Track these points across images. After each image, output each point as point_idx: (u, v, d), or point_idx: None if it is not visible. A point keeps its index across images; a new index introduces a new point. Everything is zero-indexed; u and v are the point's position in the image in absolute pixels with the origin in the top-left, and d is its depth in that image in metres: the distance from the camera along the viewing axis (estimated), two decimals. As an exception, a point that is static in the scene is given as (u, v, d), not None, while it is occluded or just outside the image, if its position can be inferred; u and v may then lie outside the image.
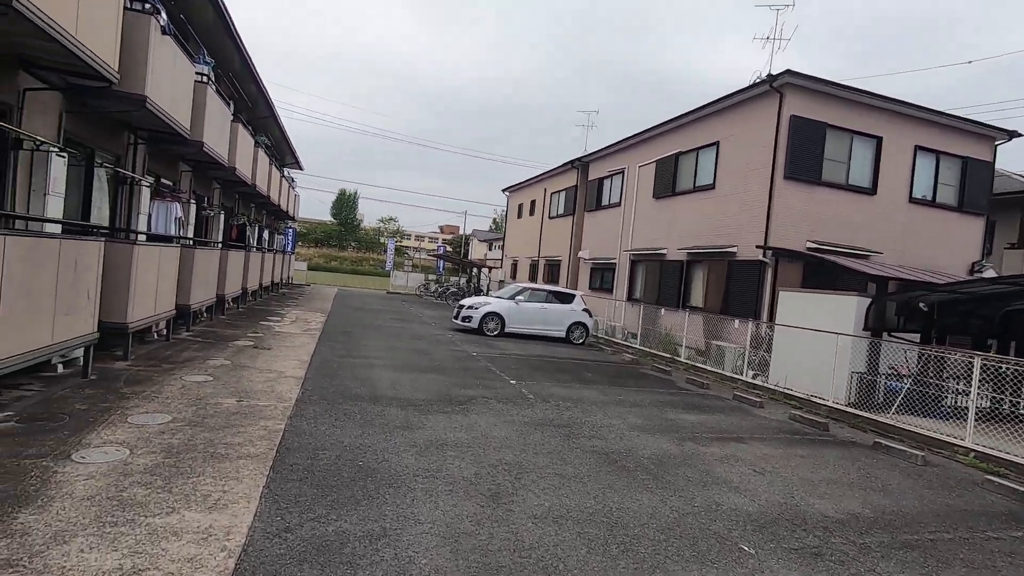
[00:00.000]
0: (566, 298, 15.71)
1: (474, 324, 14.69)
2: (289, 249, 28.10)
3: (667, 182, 15.97)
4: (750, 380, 11.08)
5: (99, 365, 6.63)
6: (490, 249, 65.81)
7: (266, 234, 21.23)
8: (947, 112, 13.10)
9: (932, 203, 13.55)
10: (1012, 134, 13.90)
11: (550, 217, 24.94)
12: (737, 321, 11.89)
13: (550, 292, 15.79)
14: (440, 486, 4.28)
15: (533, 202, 27.46)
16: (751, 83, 13.64)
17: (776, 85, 11.98)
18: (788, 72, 11.65)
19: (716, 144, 14.05)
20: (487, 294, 26.71)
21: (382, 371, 8.53)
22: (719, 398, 9.64)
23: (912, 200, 13.30)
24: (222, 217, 15.02)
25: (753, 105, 12.90)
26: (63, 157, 6.54)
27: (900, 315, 9.31)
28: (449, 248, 77.61)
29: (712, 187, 14.07)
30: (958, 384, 9.00)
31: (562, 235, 23.33)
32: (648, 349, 14.29)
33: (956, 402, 9.31)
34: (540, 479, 4.67)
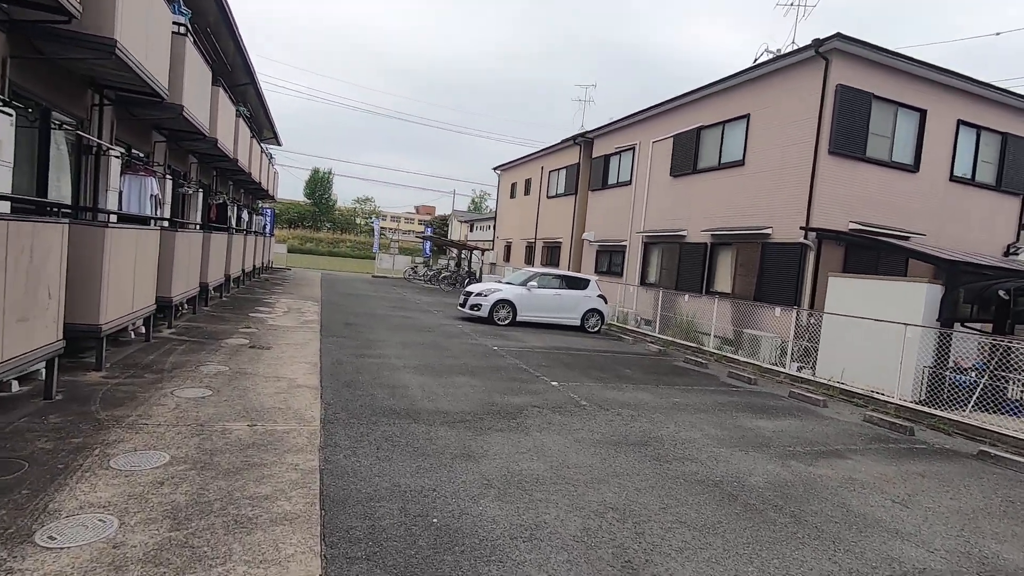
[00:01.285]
0: (580, 284, 14.64)
1: (483, 313, 13.52)
2: (268, 231, 26.34)
3: (687, 159, 14.90)
4: (795, 373, 10.23)
5: (67, 378, 5.30)
6: (471, 230, 64.40)
7: (245, 214, 19.54)
8: (991, 84, 12.28)
9: (972, 181, 12.81)
10: (1052, 109, 13.18)
11: (548, 196, 23.72)
12: (779, 309, 10.98)
13: (564, 277, 14.68)
14: (552, 555, 3.17)
15: (528, 181, 26.17)
16: (757, 56, 12.64)
17: (822, 51, 10.92)
18: (838, 36, 10.60)
19: (746, 117, 13.00)
20: (480, 278, 25.51)
21: (405, 374, 7.34)
22: (776, 396, 8.74)
23: (953, 178, 12.52)
24: (200, 195, 13.45)
25: (793, 73, 11.85)
26: (8, 115, 5.11)
27: (972, 303, 8.49)
28: (431, 229, 75.71)
29: (741, 163, 13.05)
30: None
31: (562, 215, 22.17)
32: (671, 338, 13.36)
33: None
34: (666, 532, 3.61)
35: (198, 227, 12.60)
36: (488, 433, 5.25)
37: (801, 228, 11.12)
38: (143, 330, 7.72)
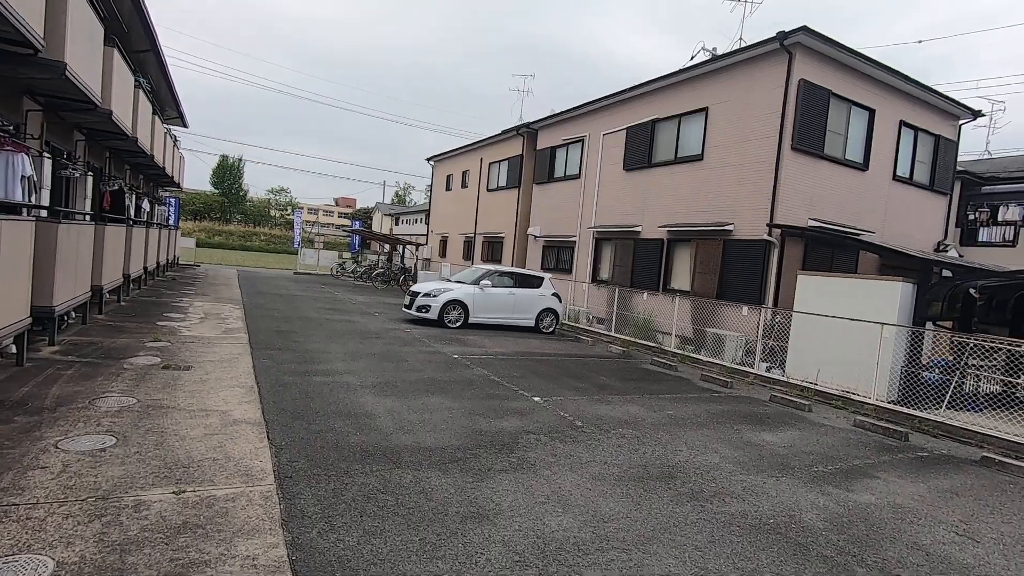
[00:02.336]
0: (534, 282, 13.82)
1: (433, 315, 12.36)
2: (173, 222, 23.45)
3: (641, 152, 14.46)
4: (764, 374, 9.97)
5: None
6: (396, 223, 62.18)
7: (146, 204, 17.02)
8: (931, 87, 12.72)
9: (909, 181, 13.26)
10: (976, 113, 13.95)
11: (489, 189, 22.72)
12: (746, 308, 10.71)
13: (517, 275, 13.79)
14: None
15: (466, 172, 25.02)
16: (694, 54, 12.40)
17: (787, 44, 10.72)
18: (804, 29, 10.41)
19: (704, 110, 12.69)
20: (415, 275, 24.11)
21: (366, 396, 6.14)
22: (759, 402, 8.34)
23: (895, 178, 12.88)
24: (90, 180, 11.26)
25: (754, 67, 11.61)
26: None
27: (943, 302, 8.51)
28: (348, 222, 72.24)
29: (700, 158, 12.74)
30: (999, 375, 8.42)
31: (505, 210, 21.27)
32: (630, 338, 12.86)
33: (977, 389, 8.85)
34: (767, 618, 2.80)
35: (88, 217, 10.55)
36: (491, 477, 4.25)
37: (767, 225, 10.90)
38: (14, 350, 5.98)
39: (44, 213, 7.77)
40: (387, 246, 30.71)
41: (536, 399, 6.85)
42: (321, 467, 4.07)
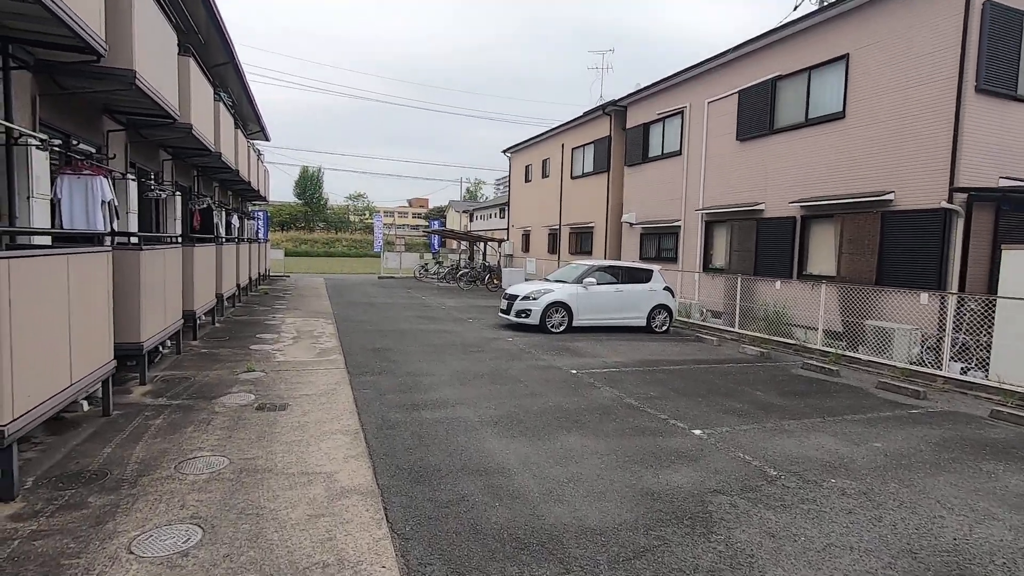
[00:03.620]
0: (642, 276, 12.29)
1: (534, 319, 11.17)
2: (263, 236, 23.85)
3: (759, 118, 12.47)
4: (957, 376, 7.94)
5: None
6: (471, 220, 61.98)
7: (235, 219, 17.05)
8: None
9: (1124, 120, 10.43)
10: None
11: (572, 177, 21.25)
12: (925, 295, 8.66)
13: (623, 270, 12.33)
14: None
15: (546, 161, 23.66)
16: (798, 3, 10.18)
17: (965, -42, 8.50)
18: (991, -66, 8.17)
19: (844, 58, 10.56)
20: (500, 273, 23.14)
21: (490, 439, 5.00)
22: (978, 419, 6.44)
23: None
24: (178, 200, 11.00)
25: (915, -6, 9.41)
26: None
27: None
28: (423, 222, 73.17)
29: (841, 116, 10.65)
30: None
31: (593, 196, 19.74)
32: (759, 334, 11.04)
33: None
34: None
35: (177, 239, 10.21)
36: (703, 584, 2.92)
37: (949, 189, 8.74)
38: (99, 395, 5.35)
39: (136, 240, 7.27)
40: (466, 244, 30.03)
41: (696, 432, 5.43)
42: (464, 575, 2.91)
